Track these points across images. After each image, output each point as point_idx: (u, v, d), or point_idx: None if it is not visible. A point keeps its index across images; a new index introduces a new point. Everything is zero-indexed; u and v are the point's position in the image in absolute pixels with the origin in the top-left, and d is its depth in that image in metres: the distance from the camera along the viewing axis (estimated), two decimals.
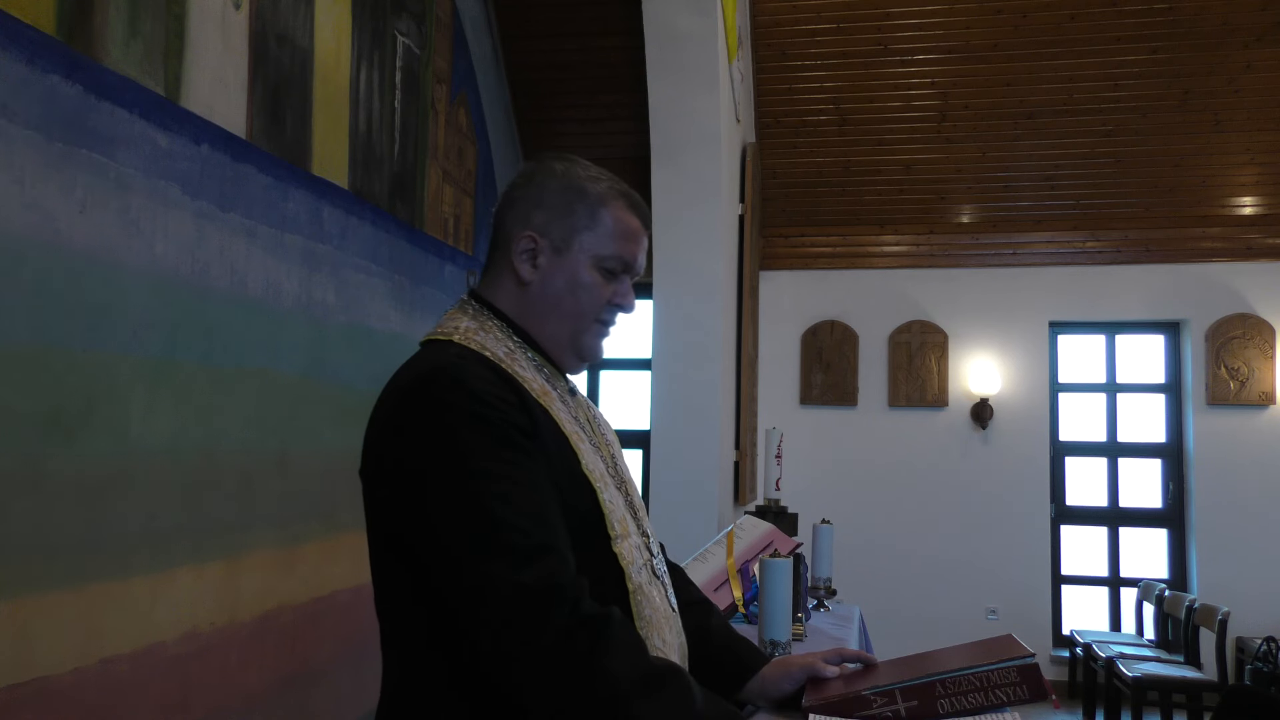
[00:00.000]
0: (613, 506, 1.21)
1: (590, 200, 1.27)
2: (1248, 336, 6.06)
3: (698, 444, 4.13)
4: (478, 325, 1.26)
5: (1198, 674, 4.88)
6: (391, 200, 3.50)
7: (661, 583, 1.28)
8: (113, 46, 2.09)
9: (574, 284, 1.27)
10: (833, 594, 2.56)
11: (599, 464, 1.24)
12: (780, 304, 6.54)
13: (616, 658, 1.04)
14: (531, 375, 1.23)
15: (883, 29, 5.44)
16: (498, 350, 1.22)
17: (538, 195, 1.27)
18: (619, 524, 1.21)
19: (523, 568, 1.04)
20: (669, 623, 1.26)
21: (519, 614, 1.02)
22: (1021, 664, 1.27)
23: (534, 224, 1.26)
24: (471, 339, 1.23)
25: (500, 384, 1.15)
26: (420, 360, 1.21)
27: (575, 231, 1.26)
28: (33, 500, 1.85)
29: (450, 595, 1.07)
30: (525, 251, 1.26)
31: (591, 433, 1.31)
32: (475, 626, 1.05)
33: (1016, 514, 6.23)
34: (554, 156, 1.32)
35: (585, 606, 1.05)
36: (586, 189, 1.28)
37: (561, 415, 1.22)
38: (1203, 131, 5.69)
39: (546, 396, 1.22)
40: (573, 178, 1.28)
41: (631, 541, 1.23)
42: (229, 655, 2.47)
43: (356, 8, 3.22)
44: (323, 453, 2.93)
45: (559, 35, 4.77)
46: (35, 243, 1.85)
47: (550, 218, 1.26)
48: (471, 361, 1.17)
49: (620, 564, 1.19)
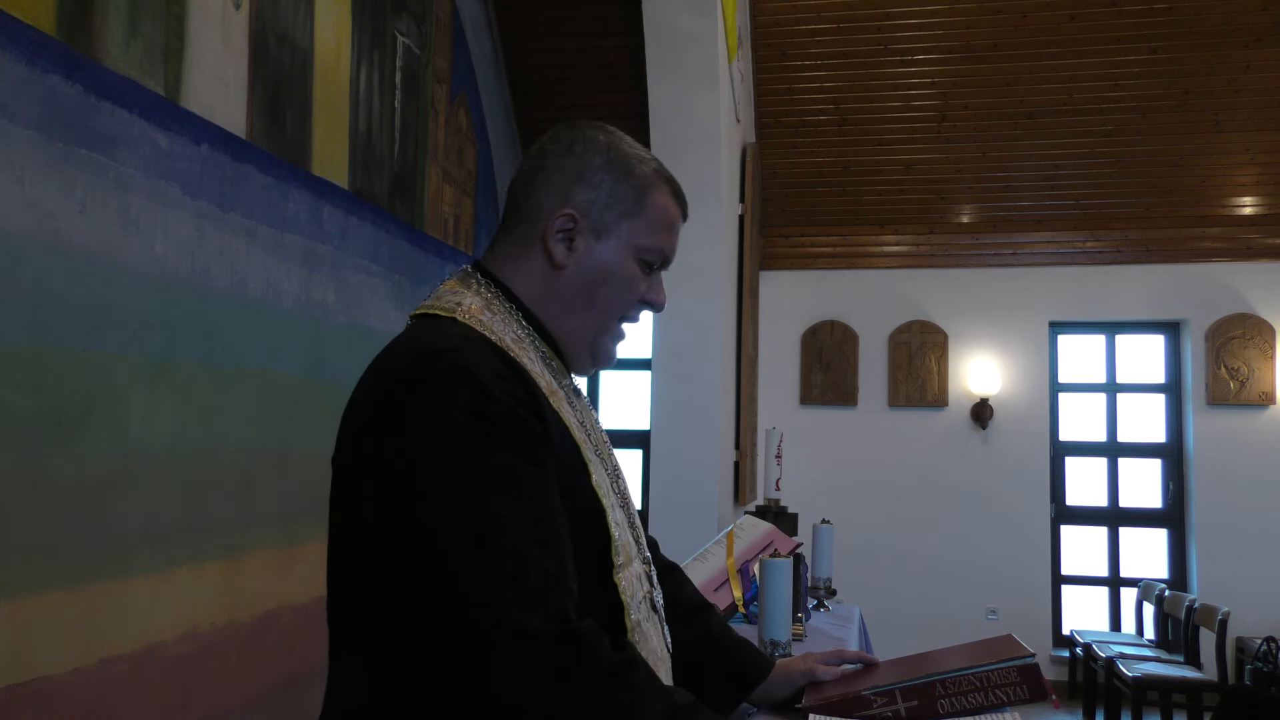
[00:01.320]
0: (618, 530, 1.07)
1: (638, 183, 1.12)
2: (1248, 336, 6.06)
3: (698, 444, 4.13)
4: (483, 304, 1.09)
5: (1198, 674, 4.88)
6: (391, 200, 3.50)
7: (659, 617, 1.15)
8: (113, 46, 2.09)
9: (610, 274, 1.12)
10: (833, 594, 2.56)
11: (605, 478, 1.09)
12: (780, 304, 6.54)
13: (645, 705, 0.93)
14: (540, 370, 1.07)
15: (883, 29, 5.44)
16: (505, 336, 1.05)
17: (579, 168, 1.11)
18: (623, 550, 1.07)
19: (534, 608, 0.90)
20: (664, 665, 1.13)
21: (535, 664, 0.89)
22: (1021, 664, 1.27)
23: (574, 201, 1.10)
24: (477, 319, 1.06)
25: (512, 378, 0.99)
26: (417, 338, 1.03)
27: (620, 216, 1.11)
28: (33, 500, 1.85)
29: (441, 627, 0.92)
30: (562, 231, 1.10)
31: (597, 441, 1.16)
32: (476, 670, 0.91)
33: (1016, 514, 6.23)
34: (592, 125, 1.15)
35: (609, 655, 0.93)
36: (634, 169, 1.13)
37: (570, 419, 1.08)
38: (1203, 131, 5.69)
39: (555, 396, 1.06)
40: (620, 154, 1.13)
41: (633, 570, 1.09)
42: (229, 655, 2.46)
43: (356, 8, 3.22)
44: (323, 453, 2.91)
45: (559, 35, 4.77)
46: (35, 243, 1.85)
47: (593, 197, 1.11)
48: (478, 346, 1.00)
49: (621, 597, 1.04)
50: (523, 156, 1.23)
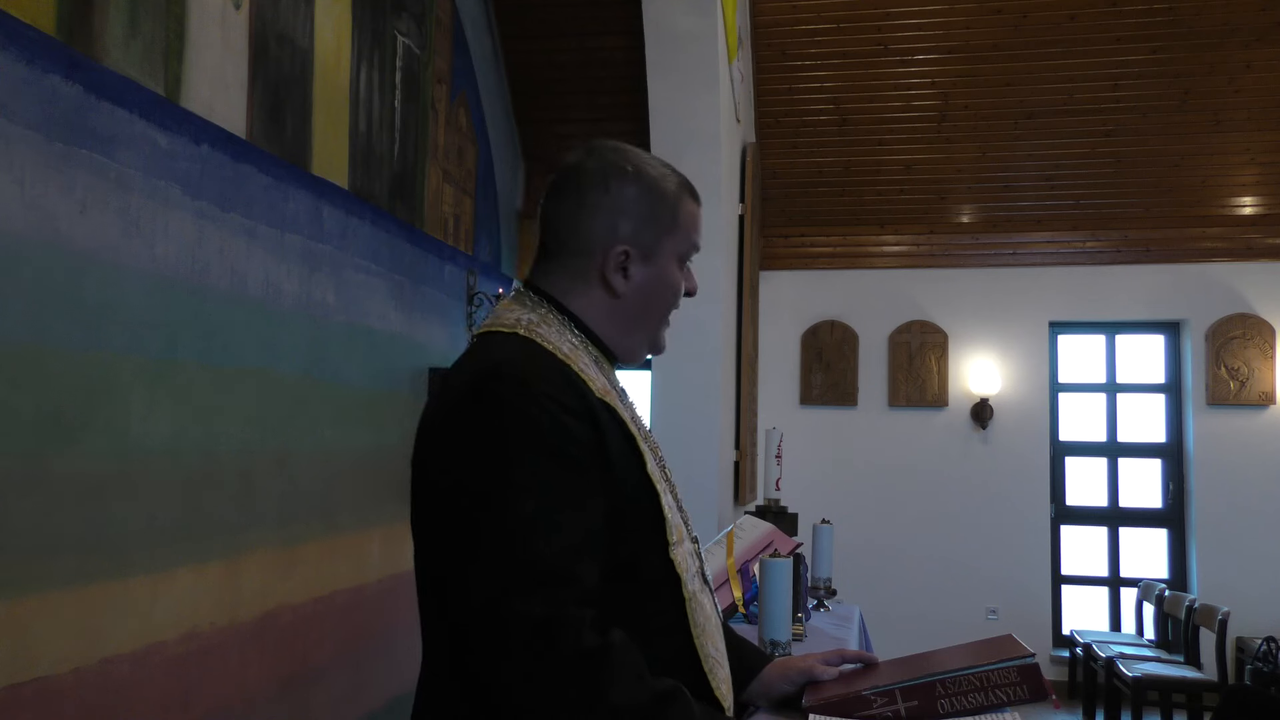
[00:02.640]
0: (671, 512, 1.19)
1: (670, 201, 1.25)
2: (1248, 336, 6.06)
3: (698, 444, 4.13)
4: (538, 319, 1.20)
5: (1198, 674, 4.88)
6: (391, 200, 3.50)
7: (710, 589, 1.27)
8: (113, 46, 2.09)
9: (664, 286, 1.26)
10: (833, 594, 2.56)
11: (656, 468, 1.21)
12: (780, 304, 6.54)
13: (618, 689, 1.01)
14: (594, 374, 1.18)
15: (883, 29, 5.44)
16: (561, 346, 1.17)
17: (619, 204, 1.22)
18: (675, 530, 1.18)
19: (531, 595, 1.00)
20: (719, 631, 1.24)
21: (520, 644, 0.99)
22: (1021, 664, 1.27)
23: (622, 235, 1.22)
24: (535, 332, 1.17)
25: (566, 387, 1.11)
26: (482, 354, 1.16)
27: (660, 236, 1.24)
28: (33, 500, 1.85)
29: (456, 610, 1.05)
30: (619, 265, 1.23)
31: (645, 434, 1.27)
32: (476, 648, 1.02)
33: (1016, 514, 6.23)
34: (613, 149, 1.26)
35: (586, 640, 1.01)
36: (665, 191, 1.25)
37: (625, 416, 1.19)
38: (1203, 131, 5.69)
39: (610, 395, 1.18)
40: (648, 179, 1.24)
41: (685, 548, 1.21)
42: (229, 655, 2.46)
43: (356, 8, 3.22)
44: (323, 453, 2.93)
45: (559, 35, 4.77)
46: (35, 243, 1.85)
47: (637, 227, 1.23)
48: (535, 358, 1.13)
49: (677, 571, 1.17)
50: (553, 179, 1.29)
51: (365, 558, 3.20)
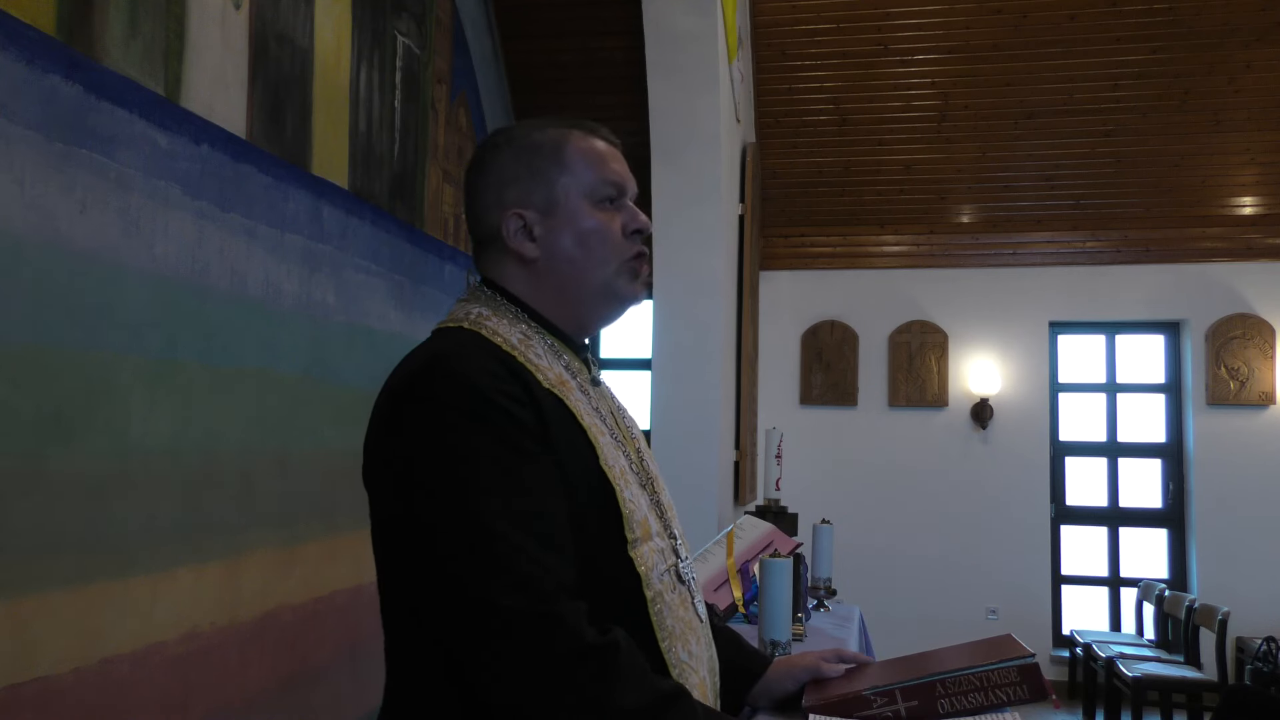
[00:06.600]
0: (634, 507, 1.12)
1: (548, 148, 1.19)
2: (1248, 336, 6.06)
3: (698, 444, 4.13)
4: (491, 310, 1.17)
5: (1198, 674, 4.88)
6: (391, 200, 3.50)
7: (688, 589, 1.18)
8: (112, 46, 2.09)
9: (581, 233, 1.17)
10: (833, 594, 2.56)
11: (620, 459, 1.15)
12: (780, 304, 6.54)
13: (622, 690, 0.96)
14: (548, 363, 1.14)
15: (883, 29, 5.44)
16: (511, 336, 1.13)
17: (497, 175, 1.20)
18: (639, 526, 1.11)
19: (517, 590, 0.95)
20: (695, 633, 1.16)
21: (516, 643, 0.95)
22: (1021, 664, 1.27)
23: (510, 201, 1.18)
24: (483, 324, 1.14)
25: (505, 375, 1.06)
26: (422, 349, 1.13)
27: (552, 184, 1.18)
28: (33, 500, 1.85)
29: (440, 614, 1.00)
30: (518, 231, 1.18)
31: (614, 425, 1.21)
32: (468, 652, 0.97)
33: (1016, 514, 6.23)
34: (496, 132, 1.24)
35: (588, 636, 0.97)
36: (539, 142, 1.19)
37: (580, 406, 1.13)
38: (1203, 131, 5.69)
39: (564, 386, 1.13)
40: (519, 141, 1.20)
41: (653, 545, 1.13)
42: (229, 655, 2.46)
43: (356, 8, 3.22)
44: (323, 453, 2.93)
45: (559, 35, 4.77)
46: (35, 243, 1.85)
47: (522, 187, 1.18)
48: (473, 349, 1.08)
49: (637, 569, 1.09)
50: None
51: (365, 558, 3.19)
